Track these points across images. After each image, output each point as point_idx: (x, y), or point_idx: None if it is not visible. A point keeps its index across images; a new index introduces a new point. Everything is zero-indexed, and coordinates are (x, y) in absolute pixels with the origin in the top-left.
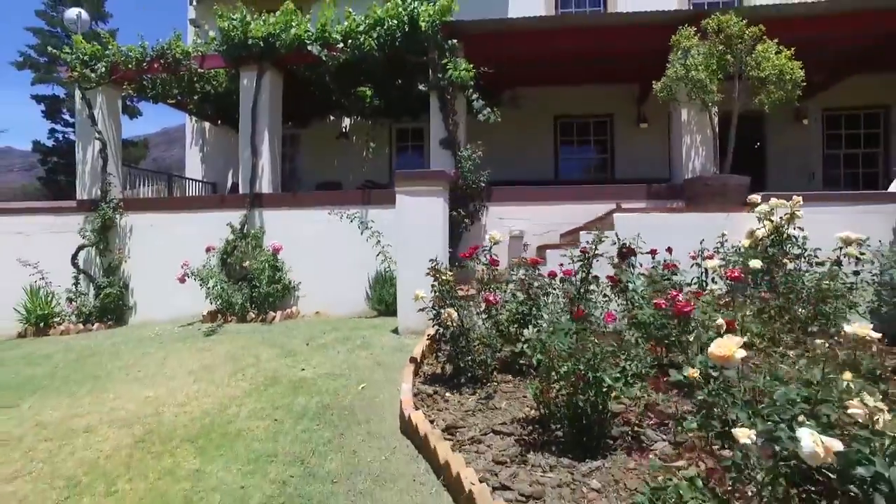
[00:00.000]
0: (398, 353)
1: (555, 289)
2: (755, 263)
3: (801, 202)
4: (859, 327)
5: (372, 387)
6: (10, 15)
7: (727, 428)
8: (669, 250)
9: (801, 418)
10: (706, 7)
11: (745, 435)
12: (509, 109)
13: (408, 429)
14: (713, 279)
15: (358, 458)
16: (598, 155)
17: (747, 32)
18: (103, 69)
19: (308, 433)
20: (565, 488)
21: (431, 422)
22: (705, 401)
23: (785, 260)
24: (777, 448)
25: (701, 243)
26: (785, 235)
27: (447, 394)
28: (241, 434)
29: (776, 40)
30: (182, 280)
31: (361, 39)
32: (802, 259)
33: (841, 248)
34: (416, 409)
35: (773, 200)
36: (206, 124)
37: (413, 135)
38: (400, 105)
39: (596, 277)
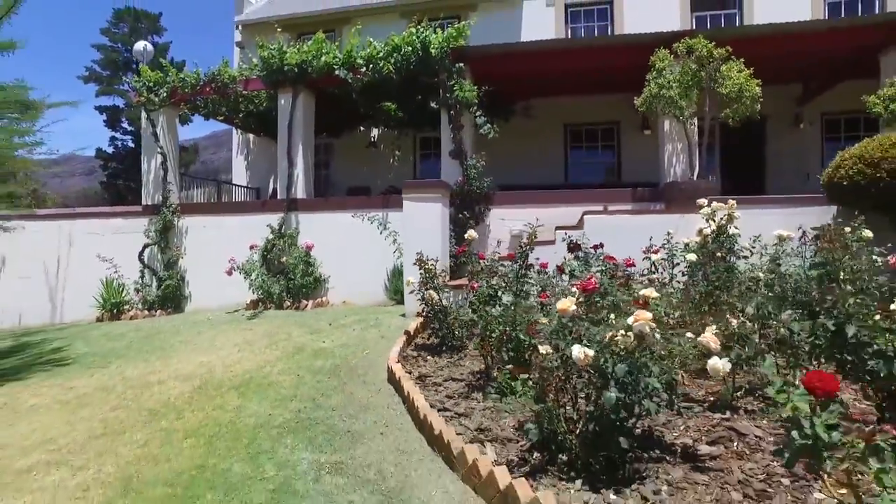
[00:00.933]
0: (400, 330)
1: (529, 278)
2: (691, 257)
3: (736, 205)
4: (646, 291)
5: (373, 353)
6: (78, 34)
7: (560, 352)
8: (601, 245)
9: (584, 341)
10: (708, 21)
11: (543, 349)
12: (523, 119)
13: (391, 378)
14: (657, 269)
15: (353, 397)
16: (606, 160)
17: (715, 53)
18: (164, 94)
19: (321, 383)
20: (487, 411)
21: (409, 373)
22: (548, 337)
23: (719, 254)
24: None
25: (650, 240)
26: (725, 234)
27: (428, 357)
28: (272, 384)
29: (742, 59)
30: (229, 273)
31: (381, 64)
32: (732, 254)
33: (776, 245)
34: (398, 363)
35: (714, 204)
36: (251, 136)
37: (435, 143)
38: (421, 117)
39: (531, 265)
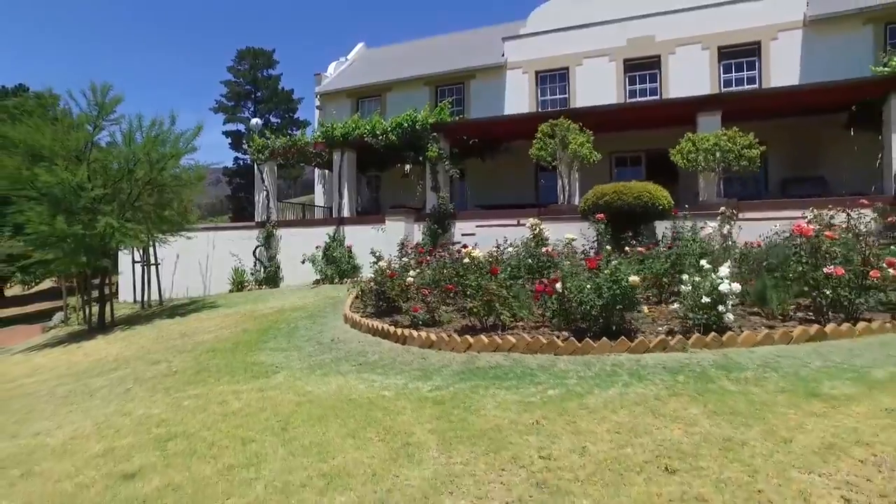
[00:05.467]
0: None
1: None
2: (510, 250)
3: (541, 222)
4: (474, 254)
5: None
6: (208, 70)
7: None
8: (466, 246)
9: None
10: (637, 83)
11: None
12: (505, 155)
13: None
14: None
15: (334, 307)
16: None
17: (571, 126)
18: (267, 153)
19: (325, 306)
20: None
21: (356, 298)
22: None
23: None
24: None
25: (499, 240)
26: (539, 237)
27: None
28: (306, 307)
29: (591, 131)
30: (302, 263)
31: (388, 134)
32: (543, 246)
33: (567, 243)
34: (353, 295)
35: (531, 220)
36: (326, 171)
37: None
38: None
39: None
